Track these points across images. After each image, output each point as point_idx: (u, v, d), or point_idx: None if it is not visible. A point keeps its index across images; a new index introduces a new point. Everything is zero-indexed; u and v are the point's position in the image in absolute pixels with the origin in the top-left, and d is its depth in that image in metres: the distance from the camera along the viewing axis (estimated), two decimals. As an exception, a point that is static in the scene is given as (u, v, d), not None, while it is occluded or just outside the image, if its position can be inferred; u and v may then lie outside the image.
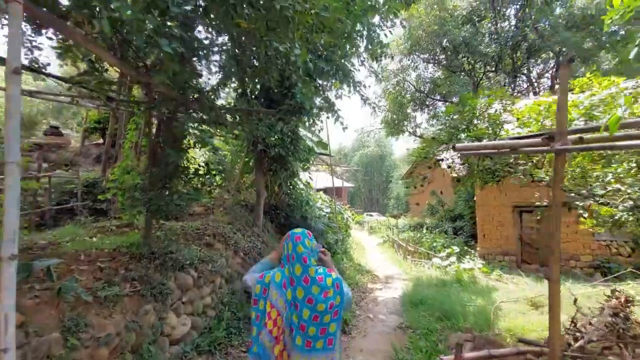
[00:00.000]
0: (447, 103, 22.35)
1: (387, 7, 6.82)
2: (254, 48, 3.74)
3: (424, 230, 15.19)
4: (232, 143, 8.79)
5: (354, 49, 7.13)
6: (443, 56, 17.93)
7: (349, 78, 7.26)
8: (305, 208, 8.68)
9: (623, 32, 15.09)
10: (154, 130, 4.60)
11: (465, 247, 11.62)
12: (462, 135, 5.33)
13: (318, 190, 13.19)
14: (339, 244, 9.95)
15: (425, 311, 6.30)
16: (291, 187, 8.60)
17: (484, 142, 4.21)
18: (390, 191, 48.95)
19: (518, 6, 16.36)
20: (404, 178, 31.92)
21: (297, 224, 8.43)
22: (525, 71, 18.18)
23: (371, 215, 34.09)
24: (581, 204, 4.29)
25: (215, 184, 7.24)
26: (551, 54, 17.69)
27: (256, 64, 4.23)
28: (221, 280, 5.17)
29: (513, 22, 17.37)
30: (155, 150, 4.26)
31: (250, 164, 8.33)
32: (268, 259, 2.17)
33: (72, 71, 6.54)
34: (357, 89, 7.65)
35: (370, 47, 7.91)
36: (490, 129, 4.73)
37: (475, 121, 5.07)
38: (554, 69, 17.30)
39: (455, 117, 5.00)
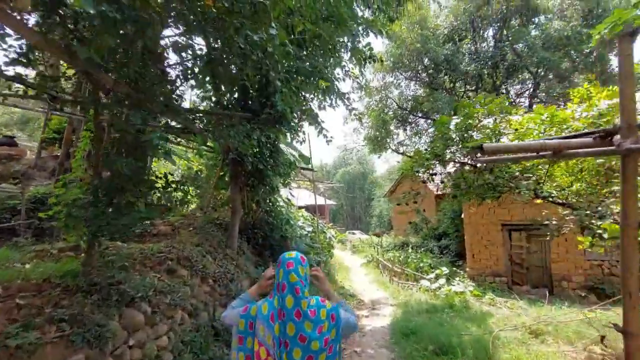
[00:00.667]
0: (429, 120, 22.47)
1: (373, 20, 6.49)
2: (224, 38, 3.17)
3: (409, 250, 14.66)
4: (207, 156, 8.07)
5: (338, 57, 6.73)
6: (425, 74, 18.01)
7: (333, 86, 6.80)
8: (286, 227, 7.97)
9: (595, 54, 15.61)
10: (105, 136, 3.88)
11: (454, 268, 11.11)
12: (454, 148, 4.87)
13: (299, 207, 12.50)
14: (322, 266, 9.23)
15: (417, 343, 5.65)
16: (270, 204, 7.90)
17: (515, 142, 3.71)
18: (372, 209, 48.72)
19: (496, 27, 16.72)
20: (386, 195, 31.71)
21: (277, 245, 7.69)
22: (504, 90, 18.51)
23: (354, 234, 33.58)
24: (597, 223, 3.84)
25: (176, 200, 6.48)
26: (528, 75, 18.12)
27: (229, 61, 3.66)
28: (182, 314, 4.36)
29: (492, 43, 17.75)
30: (101, 159, 3.53)
31: (226, 178, 7.60)
32: (249, 294, 1.91)
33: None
34: (342, 99, 7.19)
35: (354, 59, 7.55)
36: (490, 139, 4.27)
37: (470, 132, 4.62)
38: (532, 89, 17.67)
39: (450, 127, 4.52)
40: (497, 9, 15.18)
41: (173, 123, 5.27)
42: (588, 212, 3.76)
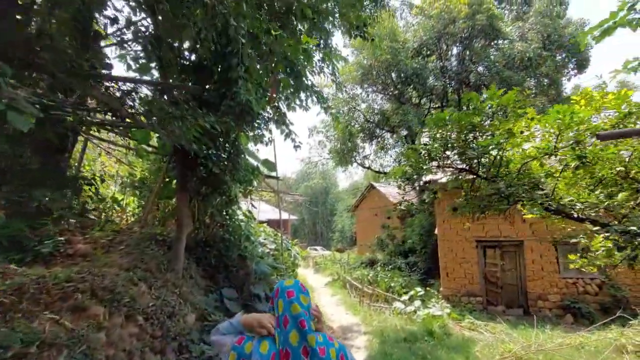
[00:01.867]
0: (394, 135, 22.37)
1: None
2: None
3: (378, 267, 13.86)
4: (148, 158, 6.71)
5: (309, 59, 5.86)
6: (393, 87, 17.83)
7: (303, 79, 5.88)
8: (245, 245, 6.75)
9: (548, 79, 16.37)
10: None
11: (427, 288, 10.42)
12: (449, 153, 4.09)
13: (260, 222, 11.25)
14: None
15: (403, 385, 4.69)
16: (227, 217, 6.68)
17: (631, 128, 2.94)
18: (335, 224, 48.04)
19: (461, 47, 17.03)
20: (351, 210, 31.17)
21: (233, 266, 6.45)
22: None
23: (315, 250, 32.70)
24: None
25: (106, 209, 5.11)
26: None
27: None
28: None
29: (456, 62, 18.05)
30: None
31: (173, 185, 6.30)
32: (241, 323, 1.50)
33: None
34: (313, 95, 6.29)
35: (327, 60, 6.73)
36: (498, 143, 3.54)
37: (471, 134, 3.86)
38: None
39: (448, 126, 3.73)
40: (463, 28, 15.40)
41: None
42: (620, 228, 3.07)
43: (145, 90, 4.84)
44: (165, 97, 4.00)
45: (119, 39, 4.43)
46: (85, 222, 5.81)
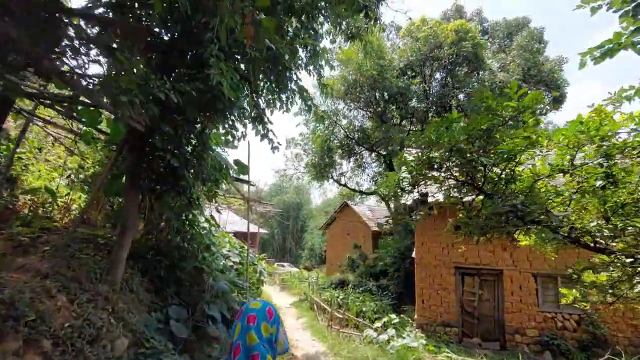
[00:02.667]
0: (373, 154, 22.14)
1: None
2: None
3: (349, 289, 13.09)
4: (97, 146, 5.75)
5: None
6: (376, 105, 17.65)
7: (288, 73, 5.24)
8: (204, 255, 5.84)
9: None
10: None
11: (400, 314, 9.76)
12: (450, 163, 3.54)
13: (225, 233, 10.24)
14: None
15: None
16: (186, 222, 5.77)
17: None
18: (304, 241, 46.91)
19: (444, 73, 17.24)
20: (322, 228, 30.39)
21: (187, 279, 5.50)
22: None
23: (283, 266, 31.66)
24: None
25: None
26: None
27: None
28: None
29: (438, 87, 18.24)
30: None
31: (123, 180, 5.34)
32: None
33: None
34: (299, 94, 5.66)
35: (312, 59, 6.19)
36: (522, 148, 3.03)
37: (494, 136, 3.32)
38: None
39: (460, 125, 3.20)
40: (448, 54, 15.57)
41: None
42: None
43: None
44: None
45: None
46: (2, 214, 4.73)
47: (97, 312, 3.72)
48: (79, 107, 4.77)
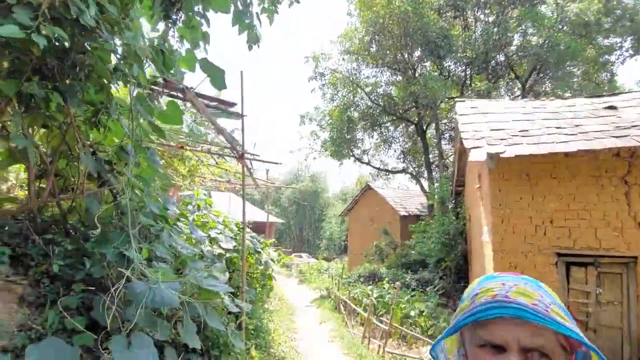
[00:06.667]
0: (402, 125, 18.98)
1: None
2: None
3: (385, 284, 10.22)
4: None
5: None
6: (405, 62, 14.43)
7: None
8: (149, 225, 3.04)
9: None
10: None
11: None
12: None
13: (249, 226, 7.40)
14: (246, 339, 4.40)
15: None
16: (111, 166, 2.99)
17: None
18: (323, 231, 44.40)
19: (492, 15, 13.84)
20: (343, 214, 27.63)
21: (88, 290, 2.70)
22: (512, 75, 15.35)
23: (300, 257, 29.64)
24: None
25: None
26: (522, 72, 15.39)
27: None
28: None
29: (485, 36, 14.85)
30: None
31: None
32: None
33: None
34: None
35: None
36: None
37: None
38: (522, 88, 14.91)
39: None
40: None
41: None
42: None
43: None
44: None
45: None
46: None
47: None
48: None
